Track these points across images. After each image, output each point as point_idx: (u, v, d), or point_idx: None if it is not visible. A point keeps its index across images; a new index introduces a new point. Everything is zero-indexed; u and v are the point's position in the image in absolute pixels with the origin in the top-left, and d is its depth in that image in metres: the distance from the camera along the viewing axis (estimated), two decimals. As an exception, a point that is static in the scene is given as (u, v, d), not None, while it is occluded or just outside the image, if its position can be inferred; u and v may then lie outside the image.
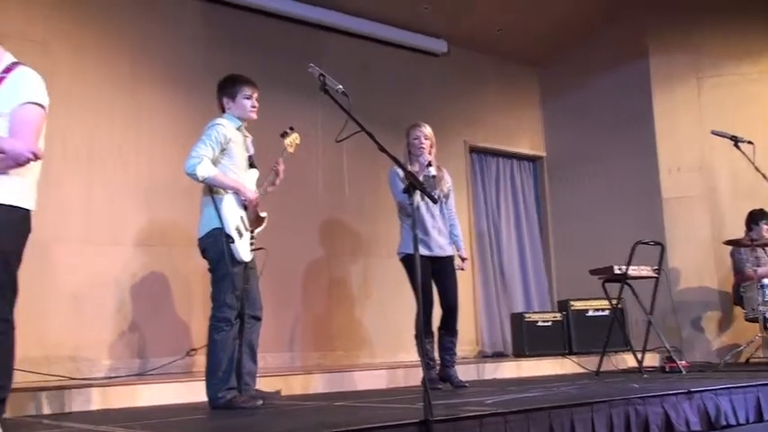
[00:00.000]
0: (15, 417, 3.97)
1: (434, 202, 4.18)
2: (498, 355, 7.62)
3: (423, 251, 5.00)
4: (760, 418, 4.28)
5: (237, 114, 4.33)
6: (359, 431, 2.82)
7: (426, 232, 5.06)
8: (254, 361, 4.25)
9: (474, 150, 8.27)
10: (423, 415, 2.93)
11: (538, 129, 8.85)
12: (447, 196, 5.24)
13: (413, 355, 6.37)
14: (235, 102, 4.32)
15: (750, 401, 4.26)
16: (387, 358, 6.78)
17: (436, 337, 5.11)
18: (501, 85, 8.54)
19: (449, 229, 5.21)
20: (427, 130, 5.18)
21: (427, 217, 5.09)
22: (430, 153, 5.13)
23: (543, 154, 8.82)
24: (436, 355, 5.13)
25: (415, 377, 5.58)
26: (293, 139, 4.60)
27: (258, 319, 4.29)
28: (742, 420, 4.17)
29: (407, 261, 5.05)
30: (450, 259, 5.18)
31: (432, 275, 5.06)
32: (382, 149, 3.36)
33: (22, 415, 4.12)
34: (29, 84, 3.21)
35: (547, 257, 8.62)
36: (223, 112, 4.35)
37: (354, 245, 7.07)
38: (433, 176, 5.06)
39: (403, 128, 5.14)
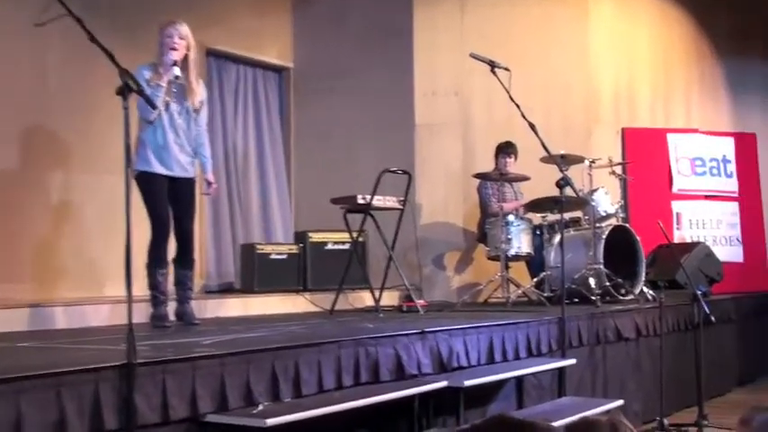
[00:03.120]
0: None
1: (153, 107, 4.11)
2: (226, 291, 7.66)
3: (160, 170, 4.99)
4: (491, 360, 4.73)
5: None
6: (39, 377, 2.73)
7: (166, 148, 5.00)
8: None
9: (212, 54, 8.08)
10: (125, 357, 2.91)
11: (287, 36, 8.82)
12: (198, 111, 5.19)
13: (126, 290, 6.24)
14: None
15: (483, 342, 4.69)
16: (93, 292, 6.55)
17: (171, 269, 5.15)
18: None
19: (195, 149, 5.19)
20: (184, 29, 5.07)
21: (169, 130, 5.02)
22: (186, 58, 5.05)
23: (291, 65, 8.82)
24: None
25: (136, 315, 5.49)
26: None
27: None
28: (474, 362, 4.60)
29: (143, 180, 4.96)
30: (191, 182, 5.20)
31: (169, 198, 5.07)
32: (93, 40, 3.27)
33: None
34: None
35: (289, 183, 8.72)
36: None
37: (57, 155, 6.67)
38: (177, 77, 4.98)
39: (126, 21, 4.95)
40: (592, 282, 6.60)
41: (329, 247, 7.43)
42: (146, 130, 5.01)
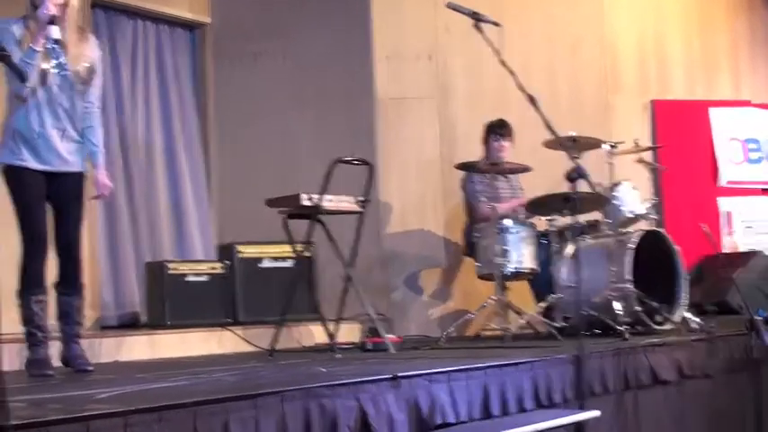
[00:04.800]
0: None
1: (22, 80, 4.05)
2: (129, 326, 7.63)
3: (34, 164, 4.98)
4: (486, 413, 4.72)
5: None
6: None
7: (42, 134, 4.98)
8: None
9: (99, 5, 8.03)
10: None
11: (202, -19, 8.84)
12: (87, 81, 5.15)
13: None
14: None
15: (475, 390, 4.67)
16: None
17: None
18: None
19: (82, 134, 5.16)
20: None
21: (46, 111, 4.99)
22: (66, 6, 5.02)
23: (207, 20, 8.80)
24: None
25: (6, 360, 5.43)
26: None
27: None
28: (463, 416, 4.57)
29: (10, 175, 4.98)
30: (77, 178, 5.18)
31: (48, 200, 5.07)
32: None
33: None
34: None
35: (208, 179, 8.68)
36: None
37: None
38: (57, 40, 4.94)
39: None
40: (617, 306, 6.62)
41: (265, 264, 7.45)
42: (15, 110, 4.98)
